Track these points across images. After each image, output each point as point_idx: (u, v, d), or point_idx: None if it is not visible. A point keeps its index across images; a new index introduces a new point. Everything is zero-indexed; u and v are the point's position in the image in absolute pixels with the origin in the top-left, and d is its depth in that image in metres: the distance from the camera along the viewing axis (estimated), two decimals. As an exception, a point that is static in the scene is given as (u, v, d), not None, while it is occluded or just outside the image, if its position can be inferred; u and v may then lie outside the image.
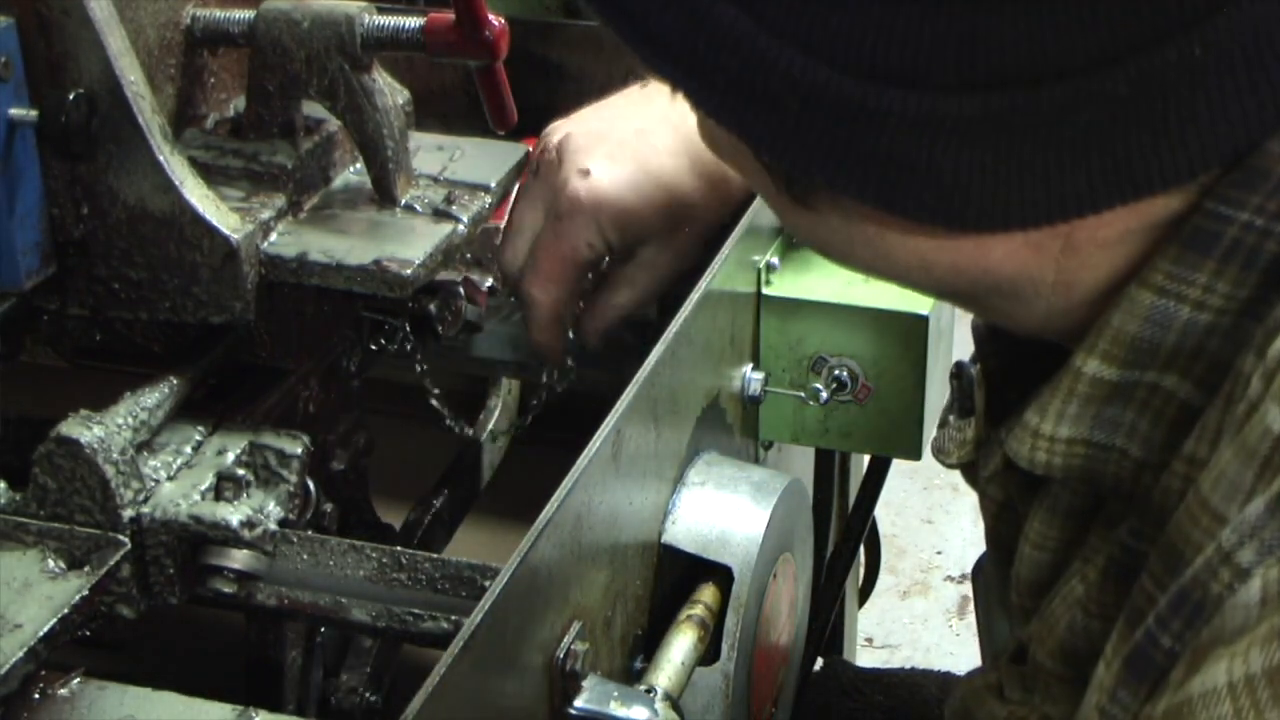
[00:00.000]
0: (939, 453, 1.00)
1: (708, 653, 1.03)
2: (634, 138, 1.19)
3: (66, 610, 0.91)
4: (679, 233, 1.19)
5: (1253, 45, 0.63)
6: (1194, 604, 0.63)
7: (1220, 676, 0.60)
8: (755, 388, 1.19)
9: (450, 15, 1.07)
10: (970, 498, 3.33)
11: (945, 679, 1.40)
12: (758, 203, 1.17)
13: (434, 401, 1.21)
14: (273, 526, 1.00)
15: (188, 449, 1.03)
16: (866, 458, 1.40)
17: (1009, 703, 0.89)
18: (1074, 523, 0.81)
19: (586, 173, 1.17)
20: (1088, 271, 0.72)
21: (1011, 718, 0.88)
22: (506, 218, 1.22)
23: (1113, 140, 0.65)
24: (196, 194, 1.00)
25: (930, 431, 1.22)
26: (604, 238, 1.17)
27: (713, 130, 0.76)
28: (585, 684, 0.91)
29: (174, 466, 1.01)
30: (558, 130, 1.21)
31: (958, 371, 0.97)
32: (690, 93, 0.69)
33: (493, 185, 1.15)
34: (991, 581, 1.00)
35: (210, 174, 1.05)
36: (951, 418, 0.99)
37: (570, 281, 1.18)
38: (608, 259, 1.20)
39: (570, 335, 1.23)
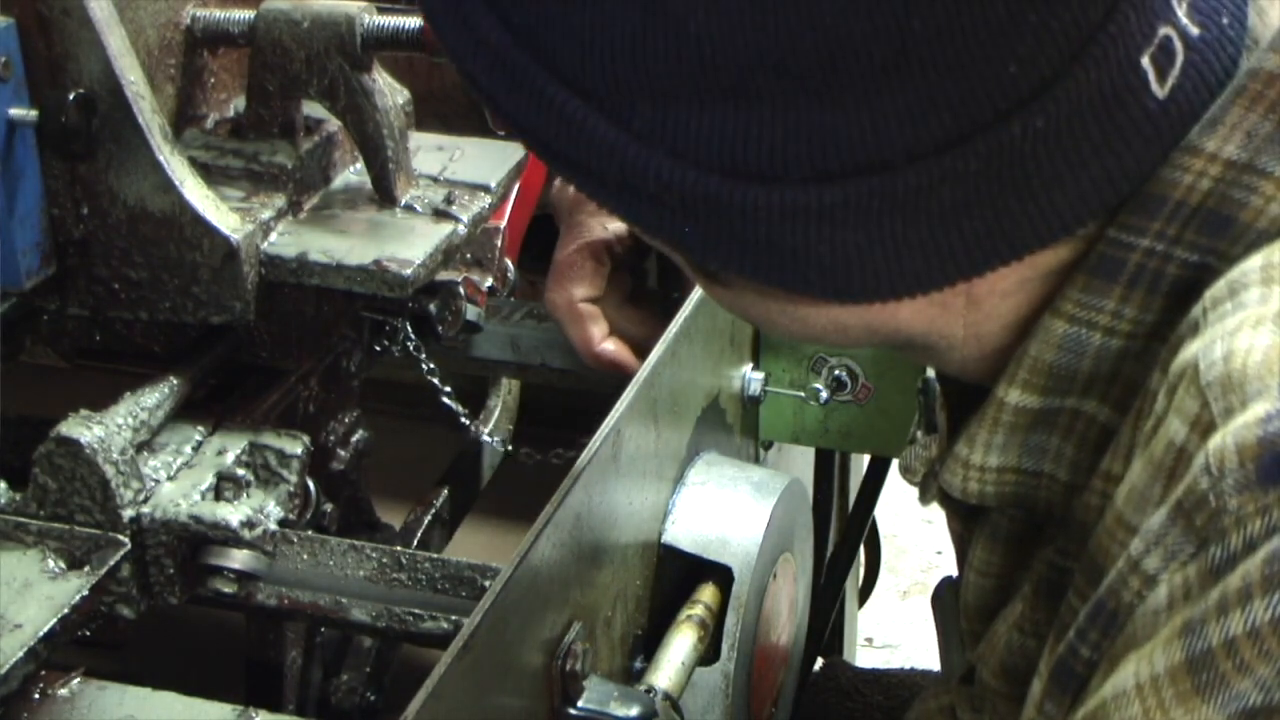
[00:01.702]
0: (905, 471, 1.01)
1: (708, 653, 1.03)
2: None
3: (66, 610, 0.91)
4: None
5: (1101, 107, 0.66)
6: (1108, 614, 0.65)
7: (1129, 679, 0.62)
8: (755, 388, 1.19)
9: (450, 15, 1.07)
10: (970, 498, 3.30)
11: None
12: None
13: (445, 399, 1.21)
14: (273, 526, 1.00)
15: (188, 449, 1.03)
16: (866, 458, 1.40)
17: None
18: (1015, 548, 0.83)
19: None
20: (993, 321, 0.74)
21: None
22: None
23: (979, 209, 0.67)
24: (196, 194, 1.00)
25: (930, 431, 1.22)
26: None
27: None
28: (585, 684, 0.91)
29: (174, 466, 1.01)
30: None
31: (924, 387, 0.98)
32: (589, 195, 0.73)
33: (493, 185, 1.15)
34: (950, 605, 1.01)
35: (210, 174, 1.05)
36: (919, 434, 1.00)
37: (587, 275, 1.17)
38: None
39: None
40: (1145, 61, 0.66)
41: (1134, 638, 0.63)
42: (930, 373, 0.93)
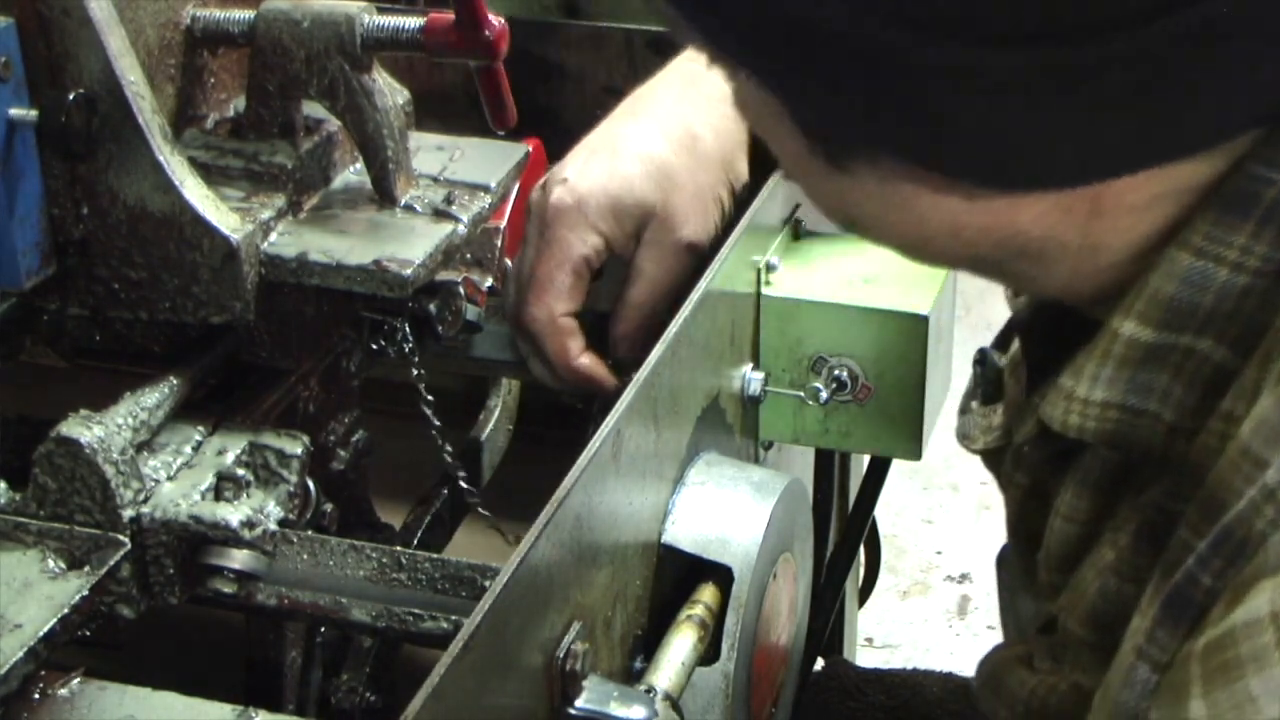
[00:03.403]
0: (964, 438, 1.00)
1: (708, 653, 1.03)
2: (602, 137, 1.21)
3: (66, 610, 0.91)
4: (671, 204, 1.18)
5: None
6: (1237, 541, 0.64)
7: (1264, 606, 0.61)
8: (755, 388, 1.19)
9: (450, 15, 1.07)
10: (970, 497, 3.33)
11: (947, 679, 1.40)
12: (758, 202, 1.17)
13: (425, 409, 1.20)
14: (273, 526, 1.00)
15: (188, 449, 1.03)
16: (866, 458, 1.40)
17: (1038, 672, 0.90)
18: (1103, 494, 0.81)
19: (564, 180, 1.18)
20: (1114, 236, 0.73)
21: (1041, 685, 0.89)
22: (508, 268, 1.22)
23: (1145, 102, 0.66)
24: (196, 194, 1.00)
25: (930, 431, 1.22)
26: (597, 231, 1.17)
27: (747, 96, 0.76)
28: (585, 684, 0.91)
29: (174, 466, 1.01)
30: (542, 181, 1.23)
31: (981, 358, 0.98)
32: (730, 51, 0.70)
33: (493, 185, 1.15)
34: (1015, 569, 1.01)
35: (210, 174, 1.05)
36: (974, 404, 0.99)
37: (566, 289, 1.17)
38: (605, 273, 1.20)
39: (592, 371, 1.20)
40: None
41: (1264, 565, 0.62)
42: (988, 345, 0.92)
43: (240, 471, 1.02)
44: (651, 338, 1.09)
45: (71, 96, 0.96)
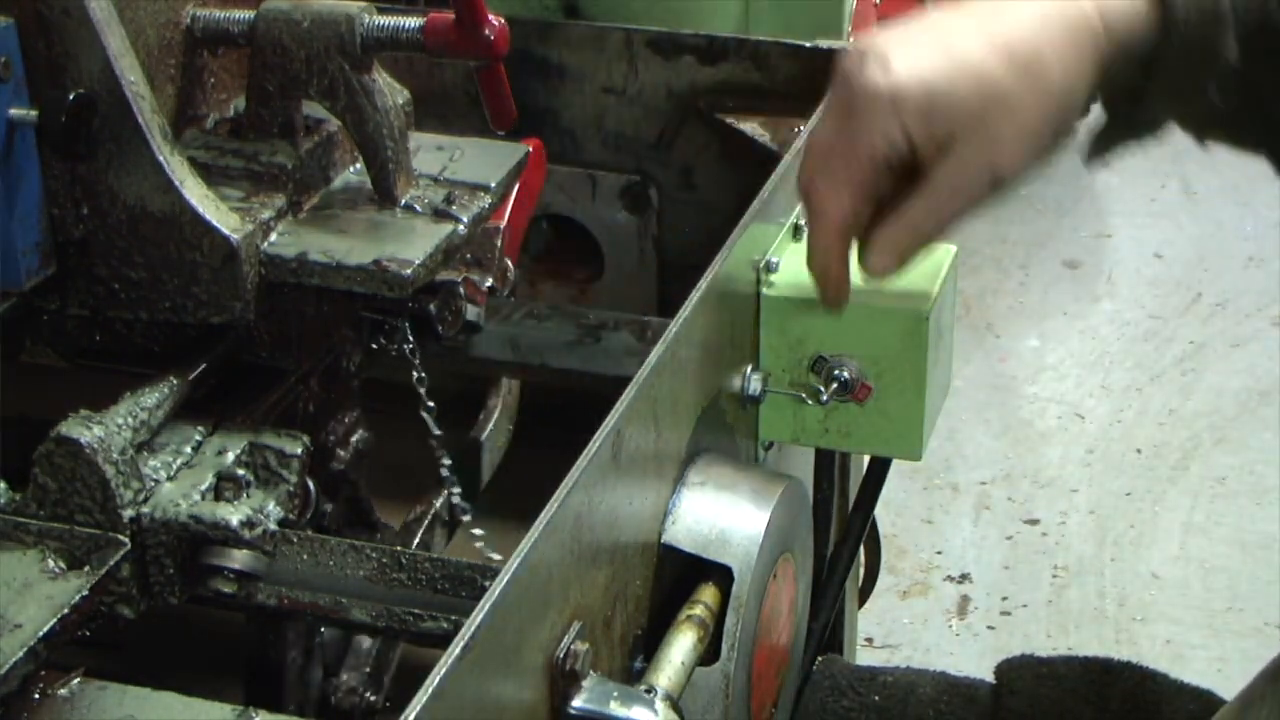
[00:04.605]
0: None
1: (708, 653, 1.03)
2: (938, 30, 1.06)
3: (66, 610, 0.91)
4: (991, 128, 1.05)
5: None
6: None
7: None
8: (755, 388, 1.19)
9: (450, 15, 1.07)
10: (970, 497, 3.32)
11: (940, 678, 1.40)
12: (758, 202, 1.17)
13: (425, 415, 1.20)
14: (273, 526, 1.00)
15: (188, 449, 1.03)
16: (866, 458, 1.40)
17: None
18: None
19: (885, 64, 1.04)
20: None
21: None
22: (805, 136, 1.09)
23: None
24: (196, 194, 1.00)
25: (930, 431, 1.22)
26: (904, 130, 1.03)
27: None
28: (585, 684, 0.91)
29: (174, 466, 1.01)
30: (859, 42, 1.09)
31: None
32: None
33: (493, 185, 1.15)
34: None
35: (210, 174, 1.05)
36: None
37: (864, 185, 1.05)
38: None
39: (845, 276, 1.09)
40: None
41: None
42: None
43: (240, 471, 1.02)
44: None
45: (71, 96, 0.96)
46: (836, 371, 1.17)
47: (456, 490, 1.24)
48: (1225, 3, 1.03)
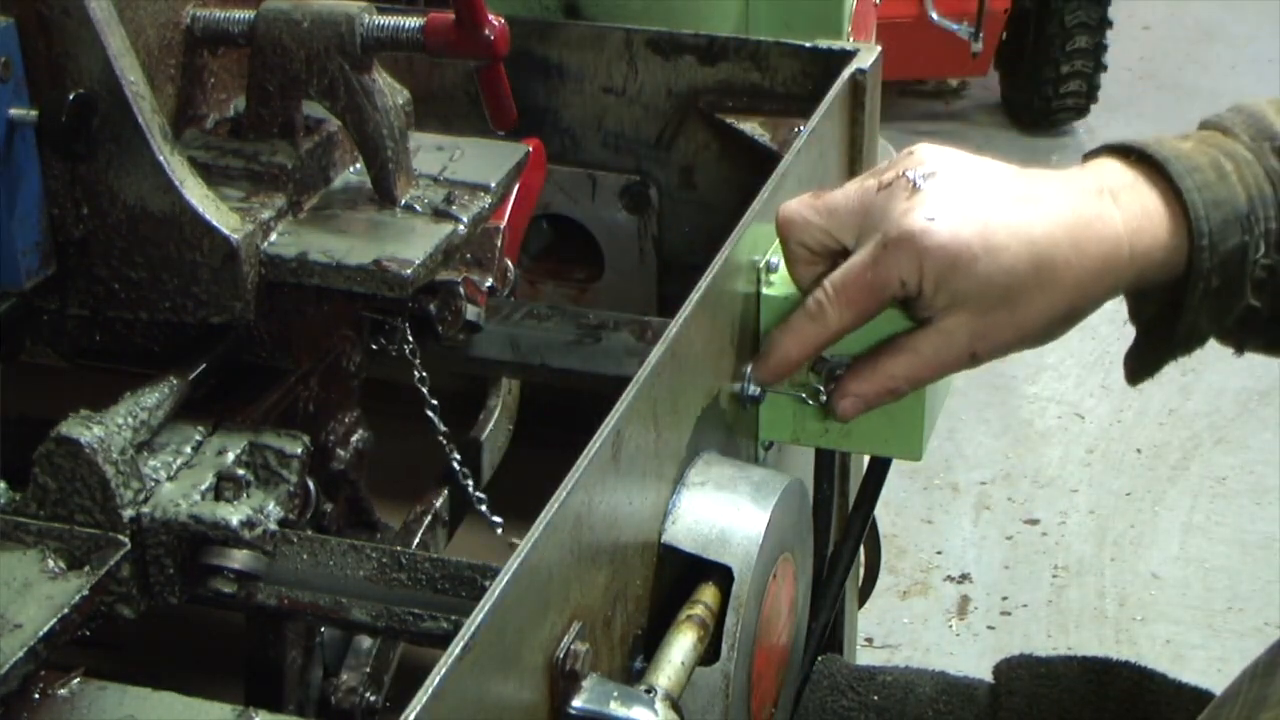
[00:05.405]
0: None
1: (708, 653, 1.03)
2: (981, 200, 1.08)
3: (66, 610, 0.91)
4: (989, 316, 1.09)
5: None
6: None
7: None
8: (755, 388, 1.19)
9: (450, 15, 1.07)
10: (970, 497, 3.32)
11: (939, 678, 1.40)
12: (758, 203, 1.17)
13: (430, 413, 1.20)
14: (273, 526, 1.00)
15: (188, 449, 1.03)
16: (866, 458, 1.40)
17: None
18: None
19: (931, 218, 1.06)
20: None
21: None
22: (828, 198, 1.12)
23: None
24: (196, 194, 1.01)
25: (930, 431, 1.22)
26: (919, 278, 1.07)
27: None
28: (585, 684, 0.91)
29: (174, 466, 1.01)
30: (930, 157, 1.10)
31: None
32: None
33: (493, 185, 1.15)
34: None
35: (210, 174, 1.05)
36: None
37: (864, 314, 1.10)
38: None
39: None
40: None
41: None
42: None
43: (240, 471, 1.02)
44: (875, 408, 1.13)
45: (71, 96, 0.96)
46: (837, 372, 1.17)
47: (469, 482, 1.24)
48: (1251, 238, 1.07)
